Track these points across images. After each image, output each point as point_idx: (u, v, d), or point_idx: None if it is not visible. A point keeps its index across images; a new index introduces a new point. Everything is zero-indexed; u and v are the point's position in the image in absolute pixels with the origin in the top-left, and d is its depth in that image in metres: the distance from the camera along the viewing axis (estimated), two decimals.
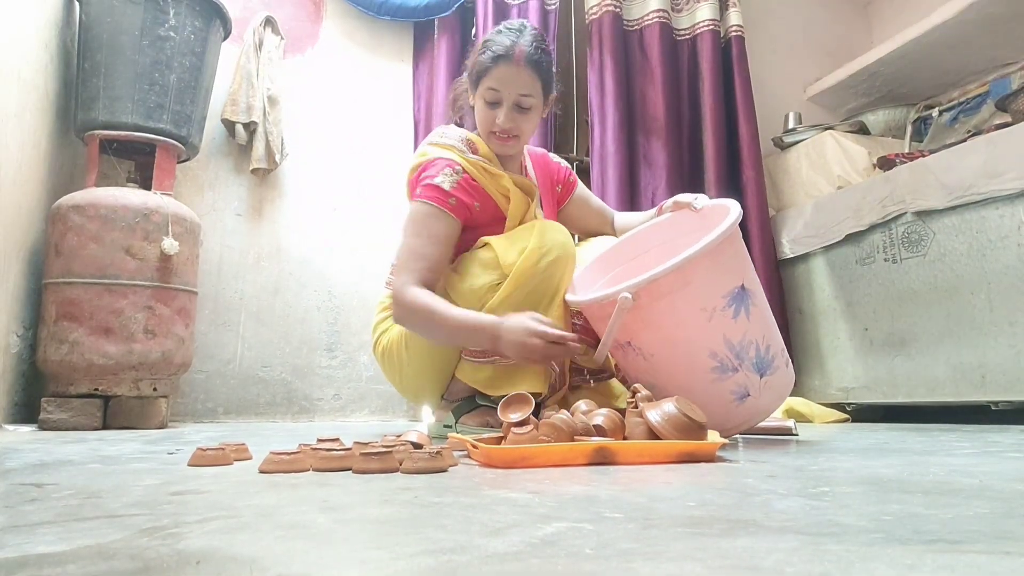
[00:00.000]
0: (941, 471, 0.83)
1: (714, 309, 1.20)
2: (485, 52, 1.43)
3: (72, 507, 0.59)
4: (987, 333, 1.92)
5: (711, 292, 1.21)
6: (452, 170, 1.43)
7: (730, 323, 1.21)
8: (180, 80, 1.94)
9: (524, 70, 1.42)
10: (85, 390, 1.74)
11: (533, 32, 1.46)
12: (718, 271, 1.22)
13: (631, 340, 1.26)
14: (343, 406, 2.39)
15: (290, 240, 2.42)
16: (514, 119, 1.44)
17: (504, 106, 1.43)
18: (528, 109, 1.45)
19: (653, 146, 2.61)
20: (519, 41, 1.42)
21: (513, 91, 1.42)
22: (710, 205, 1.45)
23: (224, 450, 0.94)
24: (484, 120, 1.46)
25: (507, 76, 1.42)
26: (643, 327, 1.23)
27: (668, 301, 1.19)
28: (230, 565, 0.40)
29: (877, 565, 0.39)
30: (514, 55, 1.41)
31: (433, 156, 1.47)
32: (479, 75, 1.44)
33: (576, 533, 0.48)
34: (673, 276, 1.17)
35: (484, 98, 1.45)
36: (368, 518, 0.56)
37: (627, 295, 1.17)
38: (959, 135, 2.48)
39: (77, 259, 1.75)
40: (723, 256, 1.22)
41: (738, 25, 2.80)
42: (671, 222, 1.53)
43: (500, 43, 1.42)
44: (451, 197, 1.41)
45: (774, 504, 0.60)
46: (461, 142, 1.49)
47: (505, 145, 1.48)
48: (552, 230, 1.41)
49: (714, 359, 1.22)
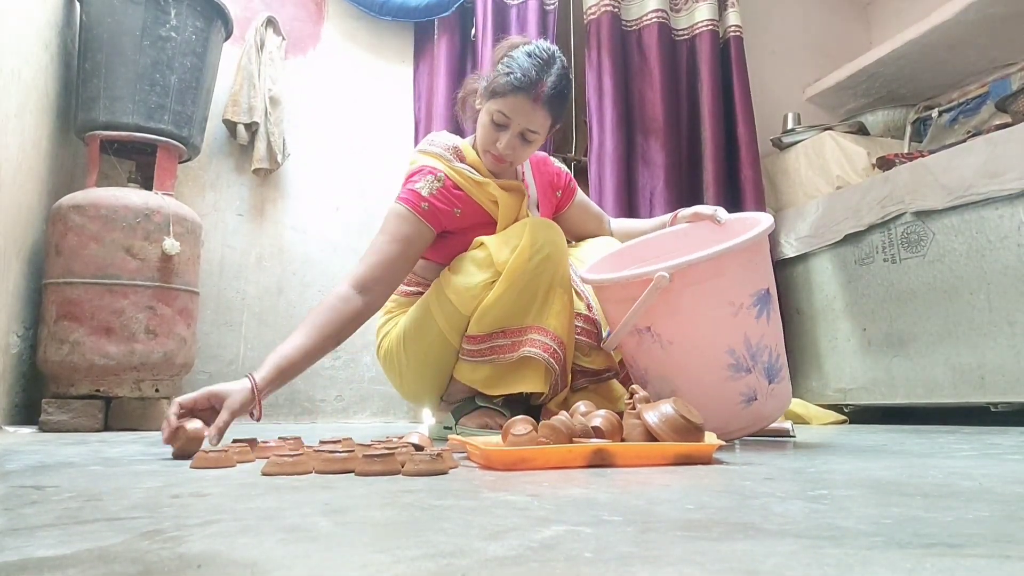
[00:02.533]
0: (940, 473, 0.83)
1: (741, 305, 1.22)
2: (509, 75, 1.38)
3: (73, 510, 0.60)
4: (986, 334, 1.92)
5: (741, 288, 1.22)
6: (434, 177, 1.44)
7: (753, 323, 1.23)
8: (181, 80, 1.94)
9: (541, 109, 1.40)
10: (86, 391, 1.74)
11: (560, 69, 1.42)
12: (750, 269, 1.24)
13: (651, 325, 1.25)
14: (345, 407, 2.40)
15: (292, 240, 2.42)
16: (514, 147, 1.44)
17: (509, 133, 1.42)
18: (531, 142, 1.45)
19: (651, 146, 2.61)
20: (545, 79, 1.38)
21: (523, 124, 1.41)
22: (732, 218, 1.46)
23: (227, 452, 0.94)
24: (485, 138, 1.46)
25: (522, 109, 1.39)
26: (669, 312, 1.23)
27: (699, 289, 1.20)
28: (231, 569, 0.40)
29: (877, 569, 0.39)
30: (535, 92, 1.38)
31: (420, 164, 1.49)
32: (495, 93, 1.41)
33: (575, 537, 0.49)
34: (709, 264, 1.18)
35: (492, 117, 1.43)
36: (370, 521, 0.56)
37: (665, 274, 1.17)
38: (959, 136, 2.48)
39: (78, 259, 1.75)
40: (757, 256, 1.25)
41: (737, 25, 2.80)
42: (687, 232, 1.53)
43: (526, 73, 1.38)
44: (424, 202, 1.42)
45: (772, 507, 0.60)
46: (447, 150, 1.49)
47: (498, 166, 1.49)
48: (543, 227, 1.41)
49: (731, 356, 1.23)
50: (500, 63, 1.43)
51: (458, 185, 1.45)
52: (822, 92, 3.08)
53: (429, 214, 1.42)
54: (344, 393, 2.40)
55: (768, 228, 1.26)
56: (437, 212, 1.43)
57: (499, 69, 1.42)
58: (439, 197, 1.43)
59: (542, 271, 1.38)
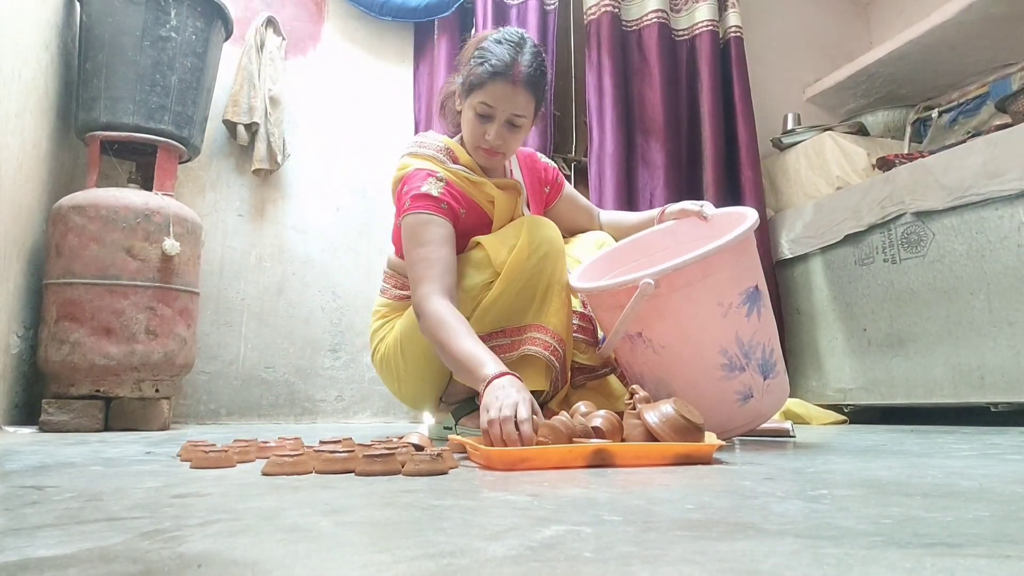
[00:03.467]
0: (940, 473, 0.83)
1: (730, 305, 1.22)
2: (482, 64, 1.37)
3: (73, 510, 0.60)
4: (986, 334, 1.92)
5: (729, 288, 1.22)
6: (435, 179, 1.41)
7: (743, 321, 1.23)
8: (181, 81, 1.94)
9: (521, 90, 1.38)
10: (86, 391, 1.74)
11: (533, 48, 1.41)
12: (738, 268, 1.24)
13: (642, 331, 1.26)
14: (346, 407, 2.40)
15: (293, 240, 2.42)
16: (504, 136, 1.42)
17: (496, 123, 1.40)
18: (519, 127, 1.43)
19: (652, 147, 2.61)
20: (519, 59, 1.37)
21: (507, 110, 1.39)
22: (719, 213, 1.45)
23: (227, 452, 0.94)
24: (473, 133, 1.44)
25: (503, 94, 1.37)
26: (658, 317, 1.23)
27: (687, 292, 1.20)
28: (231, 569, 0.40)
29: (876, 568, 0.39)
30: (512, 74, 1.36)
31: (413, 168, 1.45)
32: (473, 86, 1.39)
33: (575, 536, 0.49)
34: (695, 267, 1.18)
35: (475, 111, 1.41)
36: (370, 521, 0.56)
37: (650, 281, 1.17)
38: (959, 136, 2.48)
39: (78, 259, 1.75)
40: (743, 255, 1.26)
41: (737, 26, 2.81)
42: (673, 229, 1.53)
43: (499, 58, 1.36)
44: (442, 202, 1.39)
45: (772, 507, 0.60)
46: (440, 152, 1.47)
47: (492, 160, 1.47)
48: (541, 226, 1.41)
49: (724, 356, 1.23)
50: (472, 58, 1.42)
51: (456, 187, 1.44)
52: (822, 92, 3.08)
53: (448, 212, 1.40)
54: (344, 393, 2.40)
55: (752, 225, 1.26)
56: (452, 210, 1.41)
57: (472, 63, 1.40)
58: (449, 196, 1.41)
59: (541, 270, 1.37)
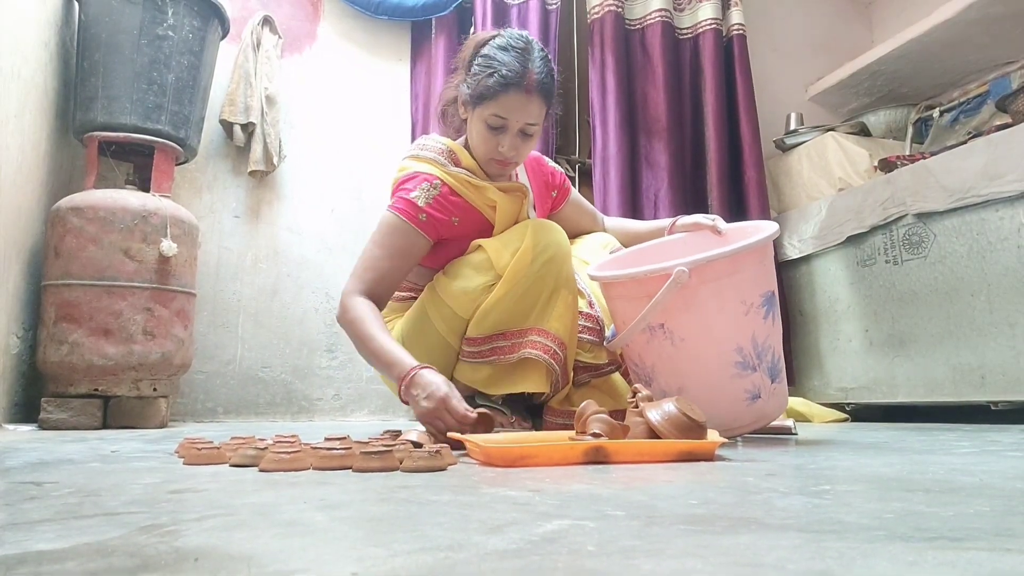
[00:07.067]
0: (941, 469, 0.83)
1: (751, 305, 1.24)
2: (492, 75, 1.32)
3: (71, 505, 0.59)
4: (987, 334, 1.92)
5: (752, 288, 1.25)
6: (430, 185, 1.38)
7: (760, 322, 1.25)
8: (178, 80, 1.94)
9: (535, 99, 1.34)
10: (85, 390, 1.74)
11: (541, 53, 1.38)
12: (761, 270, 1.27)
13: (665, 322, 1.26)
14: (343, 406, 2.39)
15: (288, 242, 2.42)
16: (517, 147, 1.39)
17: (509, 133, 1.37)
18: (531, 135, 1.40)
19: (655, 147, 2.61)
20: (530, 67, 1.33)
21: (521, 119, 1.35)
22: (732, 227, 1.47)
23: (221, 448, 0.93)
24: (485, 145, 1.40)
25: (516, 105, 1.33)
26: (684, 308, 1.24)
27: (716, 286, 1.22)
28: (227, 562, 0.40)
29: (878, 562, 0.39)
30: (525, 84, 1.32)
31: (413, 170, 1.42)
32: (483, 98, 1.34)
33: (578, 531, 0.48)
34: (726, 262, 1.21)
35: (487, 122, 1.36)
36: (366, 516, 0.56)
37: (684, 269, 1.18)
38: (959, 136, 2.48)
39: (76, 261, 1.75)
40: (767, 258, 1.29)
41: (740, 24, 2.80)
42: (685, 241, 1.53)
43: (509, 67, 1.32)
44: (422, 213, 1.37)
45: (775, 502, 0.60)
46: (441, 154, 1.44)
47: (505, 170, 1.44)
48: (546, 229, 1.39)
49: (739, 354, 1.24)
50: (475, 65, 1.38)
51: (456, 191, 1.40)
52: (824, 91, 3.08)
53: (427, 225, 1.37)
54: (342, 392, 2.40)
55: (775, 232, 1.30)
56: (435, 222, 1.38)
57: (477, 72, 1.36)
58: (436, 207, 1.38)
59: (545, 273, 1.36)
